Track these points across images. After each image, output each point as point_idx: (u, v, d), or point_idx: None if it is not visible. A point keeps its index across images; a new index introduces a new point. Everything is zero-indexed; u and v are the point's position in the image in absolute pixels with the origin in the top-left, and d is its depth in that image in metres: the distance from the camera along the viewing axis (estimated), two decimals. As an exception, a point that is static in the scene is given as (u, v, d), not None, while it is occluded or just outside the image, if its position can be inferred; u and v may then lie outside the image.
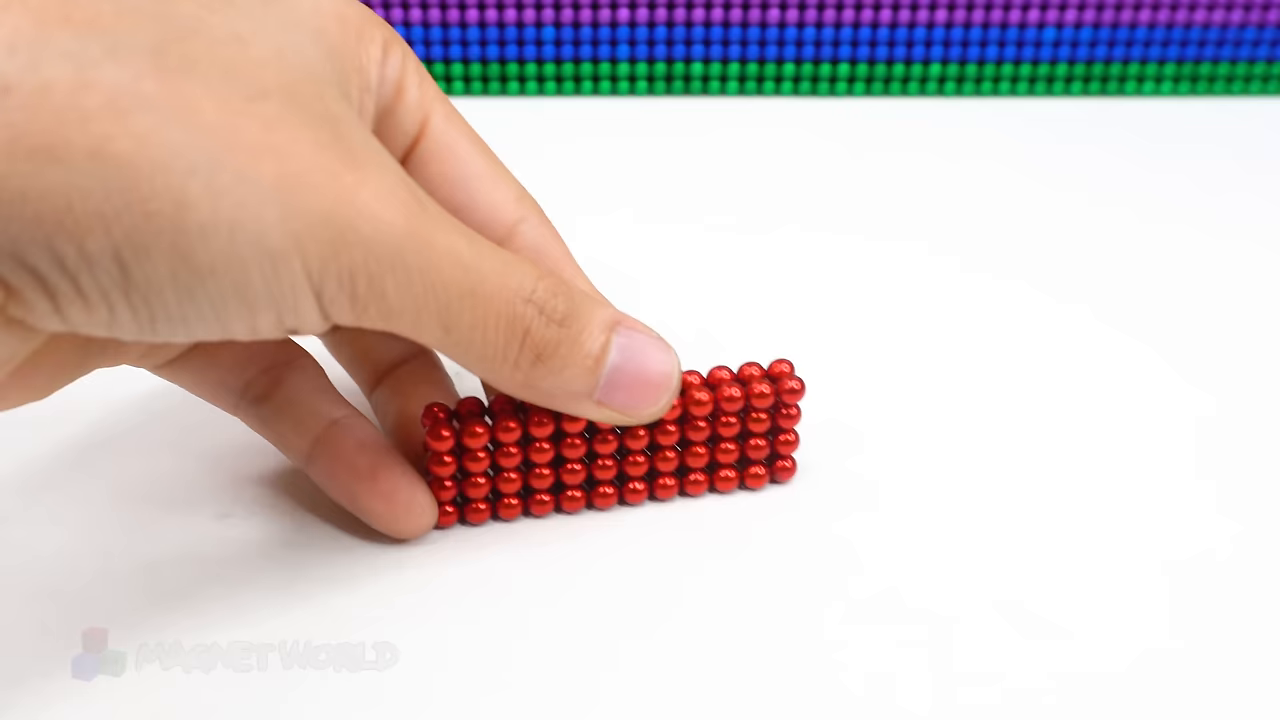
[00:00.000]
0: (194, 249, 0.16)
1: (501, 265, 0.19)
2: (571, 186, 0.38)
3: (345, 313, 0.18)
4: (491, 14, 0.44)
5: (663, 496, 0.23)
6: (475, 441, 0.21)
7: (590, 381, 0.20)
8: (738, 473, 0.24)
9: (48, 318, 0.16)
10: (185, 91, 0.16)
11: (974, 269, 0.33)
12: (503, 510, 0.23)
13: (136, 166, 0.15)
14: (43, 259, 0.15)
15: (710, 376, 0.23)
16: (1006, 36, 0.45)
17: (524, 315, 0.19)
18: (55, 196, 0.15)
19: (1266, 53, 0.46)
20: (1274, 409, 0.27)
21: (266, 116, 0.17)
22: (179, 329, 0.17)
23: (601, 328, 0.20)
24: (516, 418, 0.22)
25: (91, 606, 0.20)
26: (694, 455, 0.23)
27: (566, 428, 0.22)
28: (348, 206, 0.17)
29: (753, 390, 0.23)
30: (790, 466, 0.24)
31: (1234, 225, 0.36)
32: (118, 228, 0.15)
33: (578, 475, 0.23)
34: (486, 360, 0.19)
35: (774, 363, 0.23)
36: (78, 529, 0.22)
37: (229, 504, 0.23)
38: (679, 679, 0.19)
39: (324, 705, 0.19)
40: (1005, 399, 0.27)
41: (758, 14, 0.44)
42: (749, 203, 0.37)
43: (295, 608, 0.21)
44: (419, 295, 0.18)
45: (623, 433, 0.22)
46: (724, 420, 0.23)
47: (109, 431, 0.25)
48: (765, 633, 0.20)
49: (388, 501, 0.21)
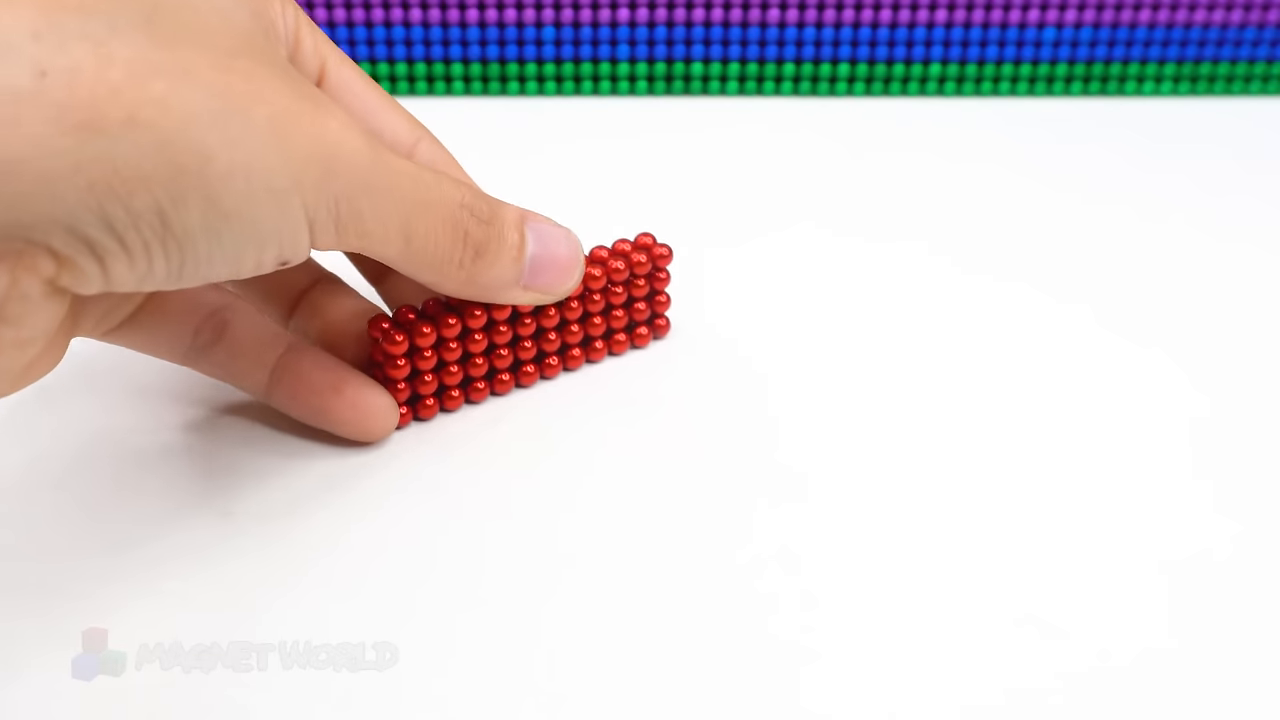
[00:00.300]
0: (220, 195, 0.18)
1: (435, 178, 0.22)
2: (571, 187, 0.38)
3: (330, 238, 0.20)
4: (491, 14, 0.44)
5: (573, 367, 0.27)
6: (425, 341, 0.24)
7: (518, 270, 0.24)
8: (628, 336, 0.28)
9: (93, 279, 0.18)
10: (182, 56, 0.18)
11: (973, 269, 0.33)
12: (448, 403, 0.26)
13: (164, 127, 0.17)
14: (94, 223, 0.17)
15: (592, 256, 0.27)
16: (1006, 36, 0.45)
17: (462, 219, 0.22)
18: (103, 164, 0.17)
19: (1266, 53, 0.46)
20: (1274, 409, 0.27)
21: (246, 70, 0.19)
22: (202, 270, 0.19)
23: (515, 223, 0.24)
24: (454, 314, 0.24)
25: (91, 606, 0.20)
26: (593, 326, 0.27)
27: (496, 316, 0.25)
28: (326, 142, 0.19)
29: (632, 260, 0.27)
30: (666, 324, 0.29)
31: (1234, 225, 0.36)
32: (157, 184, 0.17)
33: (506, 360, 0.26)
34: (438, 263, 0.22)
35: (639, 235, 0.28)
36: (78, 529, 0.22)
37: (229, 503, 0.23)
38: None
39: (324, 705, 0.19)
40: (1005, 398, 0.27)
41: (758, 14, 0.44)
42: (749, 203, 0.37)
43: (295, 608, 0.21)
44: (387, 212, 0.21)
45: (538, 314, 0.26)
46: (613, 291, 0.27)
47: (109, 431, 0.25)
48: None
49: (355, 409, 0.24)
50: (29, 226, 0.17)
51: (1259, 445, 0.26)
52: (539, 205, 0.25)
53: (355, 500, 0.23)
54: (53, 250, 0.17)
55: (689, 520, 0.23)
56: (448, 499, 0.23)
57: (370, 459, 0.24)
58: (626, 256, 0.27)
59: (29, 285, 0.17)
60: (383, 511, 0.23)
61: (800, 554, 0.22)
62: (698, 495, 0.24)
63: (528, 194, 0.36)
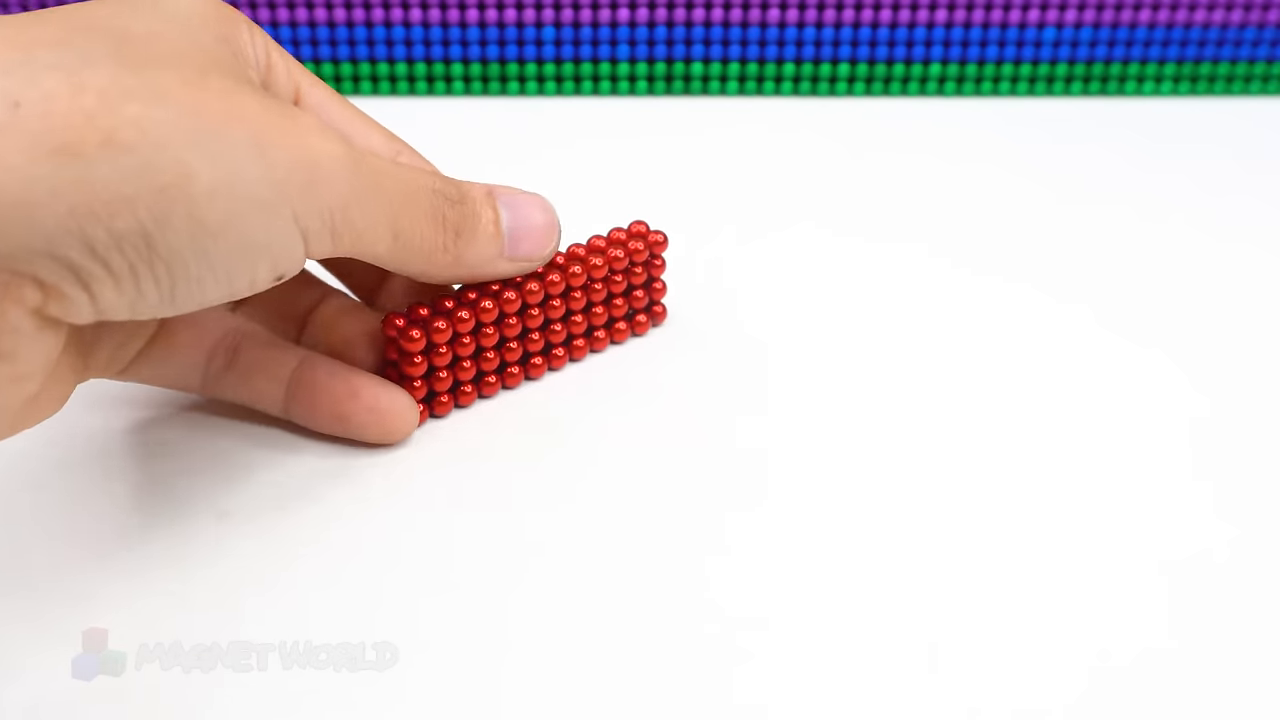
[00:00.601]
0: (205, 212, 0.18)
1: (409, 171, 0.22)
2: (571, 187, 0.38)
3: (326, 245, 0.20)
4: (491, 14, 0.44)
5: (578, 358, 0.28)
6: (441, 336, 0.25)
7: (498, 243, 0.24)
8: (628, 324, 0.28)
9: (82, 308, 0.18)
10: (155, 79, 0.18)
11: (973, 269, 0.33)
12: (462, 399, 0.26)
13: (142, 149, 0.17)
14: (76, 248, 0.17)
15: (590, 245, 0.27)
16: (1006, 36, 0.45)
17: (437, 204, 0.23)
18: (82, 188, 0.17)
19: (1266, 53, 0.46)
20: (1274, 409, 0.27)
21: (220, 88, 0.19)
22: (195, 293, 0.19)
23: (484, 198, 0.24)
24: (467, 308, 0.25)
25: (91, 606, 0.20)
26: (595, 316, 0.27)
27: (505, 309, 0.25)
28: (308, 151, 0.19)
29: (630, 249, 0.27)
30: (663, 311, 0.29)
31: (1234, 225, 0.36)
32: (140, 205, 0.17)
33: (515, 353, 0.26)
34: (425, 252, 0.23)
35: (633, 224, 0.28)
36: (77, 529, 0.22)
37: (229, 503, 0.23)
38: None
39: (324, 705, 0.19)
40: (1005, 399, 0.27)
41: (758, 14, 0.44)
42: (749, 203, 0.37)
43: (295, 608, 0.21)
44: (375, 212, 0.21)
45: (544, 305, 0.26)
46: (614, 280, 0.27)
47: (108, 431, 0.25)
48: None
49: (373, 412, 0.24)
50: (10, 256, 0.17)
51: (1259, 445, 0.26)
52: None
53: (356, 499, 0.23)
54: (38, 279, 0.17)
55: (689, 518, 0.23)
56: (450, 496, 0.23)
57: (372, 456, 0.24)
58: (624, 245, 0.27)
59: (18, 318, 0.17)
60: (383, 510, 0.23)
61: (795, 547, 0.22)
62: (696, 489, 0.24)
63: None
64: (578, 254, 0.27)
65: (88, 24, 0.19)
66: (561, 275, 0.26)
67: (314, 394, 0.24)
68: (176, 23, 0.20)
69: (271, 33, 0.44)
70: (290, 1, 0.43)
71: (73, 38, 0.18)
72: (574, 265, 0.26)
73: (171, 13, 0.20)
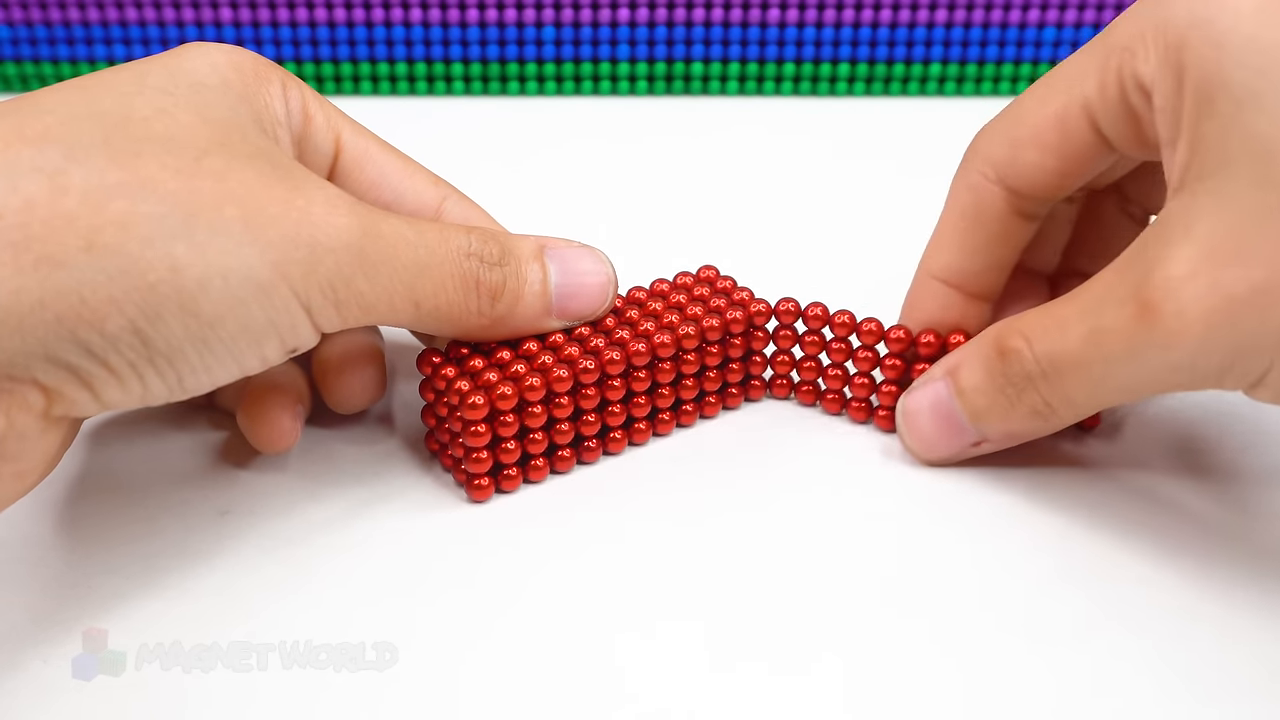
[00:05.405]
0: (198, 303, 0.18)
1: (439, 233, 0.21)
2: (571, 187, 0.38)
3: (333, 319, 0.20)
4: (491, 14, 0.44)
5: (663, 432, 0.25)
6: (506, 404, 0.22)
7: (544, 303, 0.23)
8: (719, 398, 0.25)
9: (88, 405, 0.18)
10: (142, 170, 0.18)
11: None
12: (532, 474, 0.23)
13: (127, 248, 0.17)
14: (72, 352, 0.17)
15: (683, 313, 0.24)
16: (1006, 36, 0.45)
17: (470, 268, 0.21)
18: (68, 295, 0.17)
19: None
20: (1274, 413, 0.27)
21: (215, 170, 0.18)
22: (204, 379, 0.19)
23: (533, 255, 0.23)
24: (539, 375, 0.22)
25: (91, 606, 0.20)
26: (684, 389, 0.25)
27: (583, 379, 0.23)
28: (307, 225, 0.19)
29: (727, 319, 0.25)
30: (760, 385, 0.26)
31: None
32: (129, 305, 0.17)
33: (593, 426, 0.24)
34: (455, 318, 0.22)
35: (701, 269, 0.26)
36: (77, 528, 0.22)
37: (228, 502, 0.23)
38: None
39: (324, 705, 0.19)
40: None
41: (758, 14, 0.44)
42: (749, 203, 0.37)
43: (295, 608, 0.21)
44: (387, 282, 0.20)
45: (627, 376, 0.23)
46: (709, 350, 0.25)
47: (107, 430, 0.25)
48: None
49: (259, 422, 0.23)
50: (8, 364, 0.17)
51: (1260, 448, 0.25)
52: (539, 205, 0.25)
53: (356, 499, 0.23)
54: (39, 383, 0.17)
55: (687, 516, 0.23)
56: (450, 496, 0.23)
57: (372, 456, 0.24)
58: (721, 314, 0.25)
59: (24, 423, 0.18)
60: (383, 510, 0.23)
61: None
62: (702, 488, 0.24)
63: (528, 194, 0.36)
64: (670, 322, 0.24)
65: (87, 108, 0.18)
66: (648, 345, 0.24)
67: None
68: (189, 91, 0.20)
69: (271, 33, 0.44)
70: (290, 2, 0.43)
71: (64, 129, 0.18)
72: (663, 334, 0.24)
73: (188, 80, 0.20)
